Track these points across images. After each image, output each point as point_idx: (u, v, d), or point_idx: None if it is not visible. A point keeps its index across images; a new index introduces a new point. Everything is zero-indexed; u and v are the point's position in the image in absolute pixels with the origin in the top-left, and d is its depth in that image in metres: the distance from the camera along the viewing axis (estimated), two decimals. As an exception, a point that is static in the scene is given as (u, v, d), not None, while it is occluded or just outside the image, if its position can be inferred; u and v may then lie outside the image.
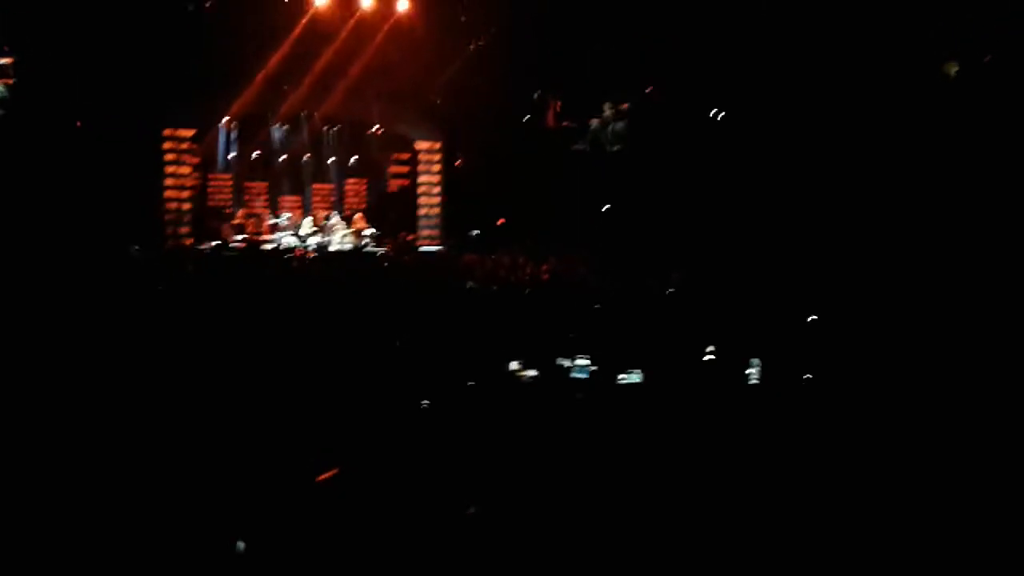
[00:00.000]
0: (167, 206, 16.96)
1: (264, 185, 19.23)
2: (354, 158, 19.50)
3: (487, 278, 12.97)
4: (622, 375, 7.64)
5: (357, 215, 18.77)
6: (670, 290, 11.14)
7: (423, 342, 8.84)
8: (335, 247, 17.37)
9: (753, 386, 7.33)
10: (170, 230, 16.88)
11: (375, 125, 19.06)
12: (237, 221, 18.17)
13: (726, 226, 13.49)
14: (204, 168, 18.59)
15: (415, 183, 18.81)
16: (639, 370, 7.61)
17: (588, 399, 7.38)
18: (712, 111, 15.30)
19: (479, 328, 9.50)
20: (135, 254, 14.61)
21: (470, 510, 5.08)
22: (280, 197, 19.28)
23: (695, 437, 6.19)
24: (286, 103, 18.06)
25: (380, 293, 11.74)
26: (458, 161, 18.40)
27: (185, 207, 17.16)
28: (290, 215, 18.62)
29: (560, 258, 14.25)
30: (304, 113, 18.84)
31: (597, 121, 16.60)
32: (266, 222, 18.42)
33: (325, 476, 5.19)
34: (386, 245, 17.72)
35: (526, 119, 17.44)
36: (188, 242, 16.90)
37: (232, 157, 18.84)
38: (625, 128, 16.38)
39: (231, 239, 17.42)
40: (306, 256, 16.36)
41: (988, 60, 12.28)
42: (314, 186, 19.50)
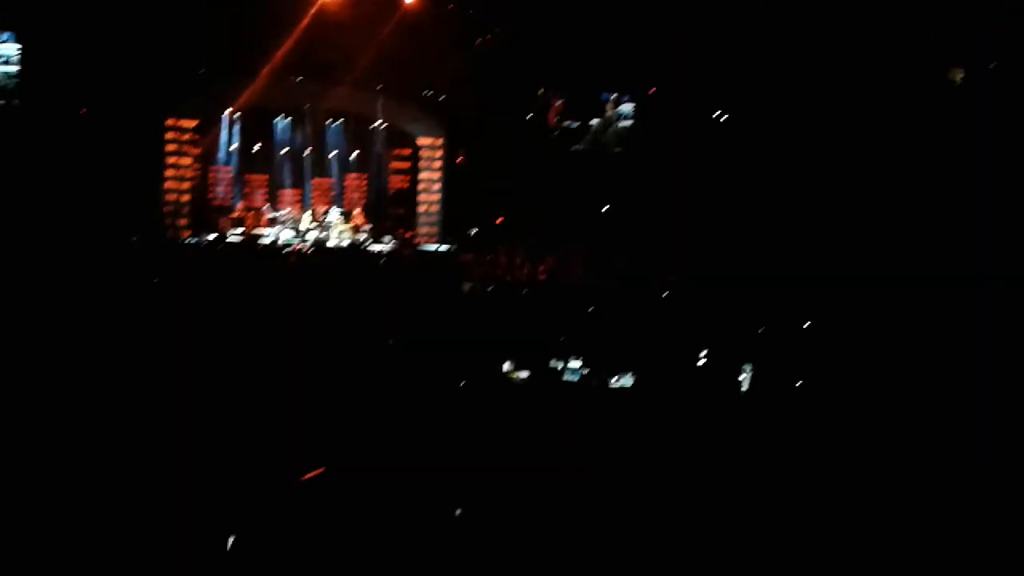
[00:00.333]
0: (167, 197, 16.95)
1: (264, 178, 19.18)
2: (355, 153, 19.47)
3: (484, 277, 12.96)
4: (614, 378, 7.65)
5: (356, 211, 18.74)
6: (665, 293, 11.13)
7: (417, 341, 8.83)
8: (333, 243, 17.34)
9: (744, 392, 7.32)
10: (169, 221, 16.87)
11: (377, 120, 19.03)
12: (236, 214, 18.13)
13: (723, 229, 13.46)
14: (205, 160, 18.55)
15: (416, 179, 18.78)
16: (631, 373, 7.61)
17: (580, 401, 7.39)
18: (714, 112, 15.28)
19: (474, 328, 9.50)
20: (134, 245, 14.59)
21: (457, 511, 5.08)
22: (280, 191, 19.23)
23: (684, 442, 6.19)
24: (289, 96, 18.04)
25: (376, 291, 11.73)
26: (459, 158, 18.37)
27: (184, 199, 17.14)
28: (289, 210, 18.57)
29: (558, 258, 14.23)
30: (307, 107, 18.81)
31: (599, 121, 16.57)
32: (265, 216, 18.39)
33: (310, 475, 5.20)
34: (392, 242, 17.68)
35: (529, 117, 17.42)
36: (186, 234, 16.87)
37: (233, 149, 18.80)
38: (626, 128, 16.36)
39: (229, 232, 17.39)
40: (304, 251, 16.33)
41: (993, 66, 12.26)
42: (314, 180, 19.45)
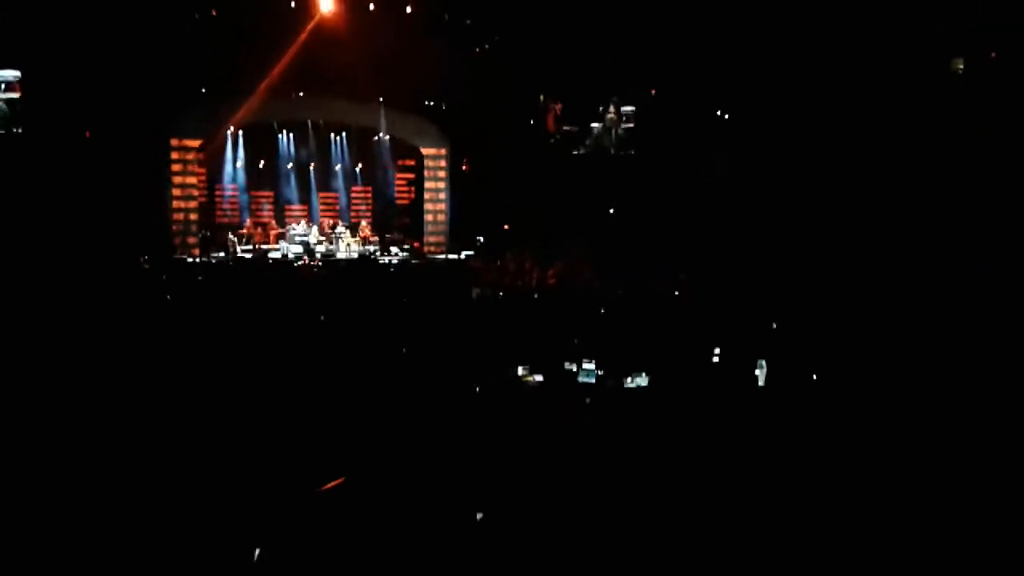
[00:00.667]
0: (174, 216, 17.04)
1: (271, 194, 19.25)
2: (360, 165, 19.52)
3: (494, 283, 12.96)
4: (629, 379, 7.63)
5: (363, 223, 18.79)
6: (676, 292, 11.12)
7: (431, 347, 8.84)
8: (342, 255, 17.38)
9: (760, 388, 7.30)
10: (178, 240, 16.95)
11: (381, 132, 19.08)
12: (244, 231, 18.21)
13: (731, 228, 13.44)
14: (211, 177, 18.62)
15: (421, 189, 18.82)
16: (645, 373, 7.60)
17: (595, 403, 7.37)
18: (716, 112, 15.28)
19: (486, 333, 9.51)
20: (143, 264, 14.65)
21: (479, 515, 5.07)
22: (287, 205, 19.30)
23: (701, 441, 6.18)
24: (292, 111, 18.11)
25: (387, 300, 11.75)
26: (464, 167, 18.41)
27: (192, 217, 17.23)
28: (297, 224, 18.59)
29: (566, 262, 14.23)
30: (310, 121, 18.87)
31: (600, 125, 16.58)
32: (273, 231, 18.46)
33: (330, 485, 5.20)
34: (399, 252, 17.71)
35: (531, 123, 17.43)
36: (195, 252, 16.95)
37: (239, 166, 18.87)
38: (628, 131, 16.36)
39: (238, 248, 17.46)
40: (313, 264, 16.37)
41: (994, 57, 12.23)
42: (321, 194, 19.51)
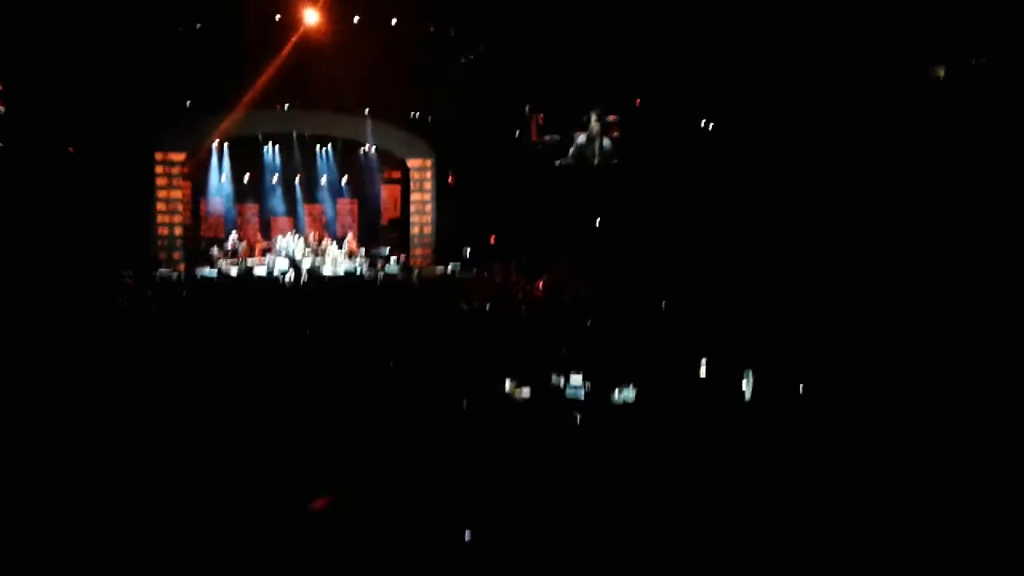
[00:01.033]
0: (159, 230, 16.97)
1: (256, 207, 19.21)
2: (345, 178, 19.50)
3: (481, 296, 12.95)
4: (616, 392, 7.61)
5: (349, 236, 18.77)
6: (662, 303, 11.13)
7: (417, 362, 8.80)
8: (328, 269, 17.34)
9: (748, 401, 7.30)
10: (163, 255, 16.88)
11: (366, 144, 19.08)
12: (230, 245, 18.14)
13: (718, 238, 13.49)
14: (196, 191, 18.57)
15: (407, 201, 18.83)
16: (633, 386, 7.58)
17: (583, 417, 7.35)
18: (700, 121, 15.33)
19: (473, 347, 9.47)
20: (127, 279, 14.57)
21: (467, 535, 5.04)
22: (272, 219, 19.26)
23: (690, 456, 6.17)
24: (277, 124, 18.09)
25: (374, 314, 11.71)
26: (450, 178, 18.41)
27: (177, 231, 17.17)
28: (283, 237, 18.53)
29: (553, 273, 14.24)
30: (295, 134, 18.86)
31: (583, 135, 16.60)
32: (259, 244, 18.40)
33: (319, 503, 5.16)
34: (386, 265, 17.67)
35: (516, 134, 17.45)
36: (181, 267, 16.87)
37: (224, 179, 18.83)
38: (612, 141, 16.39)
39: (224, 263, 17.40)
40: (299, 279, 16.33)
41: (976, 62, 12.30)
42: (306, 207, 19.48)
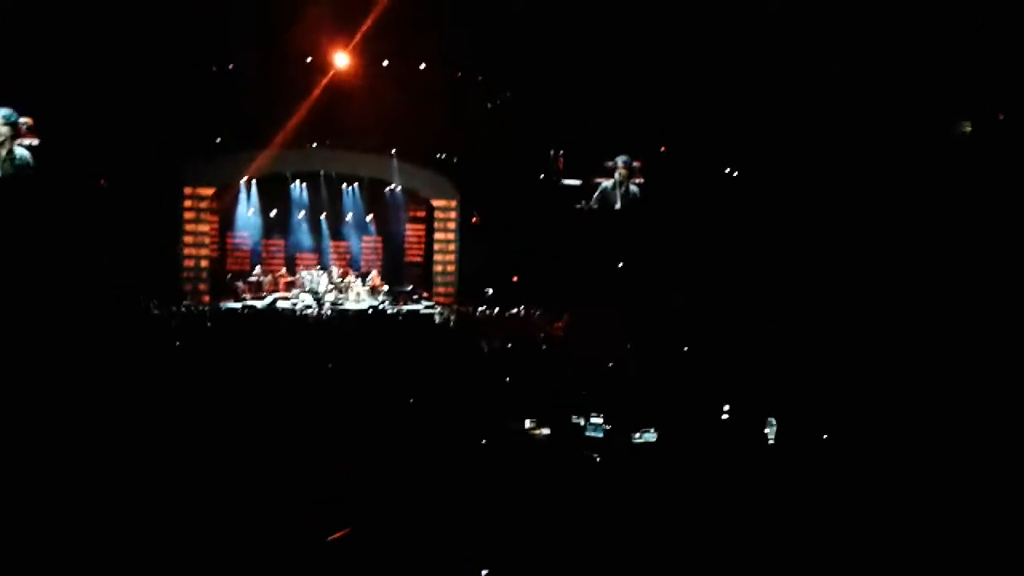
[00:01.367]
0: (186, 263, 17.19)
1: (282, 243, 19.42)
2: (371, 216, 19.69)
3: (502, 335, 12.97)
4: (637, 434, 7.57)
5: (373, 272, 18.90)
6: (684, 348, 11.10)
7: (437, 399, 8.81)
8: (351, 305, 17.45)
9: (770, 446, 7.24)
10: (188, 287, 17.08)
11: (392, 183, 19.29)
12: (254, 279, 18.32)
13: (742, 286, 13.46)
14: (223, 225, 18.82)
15: (431, 240, 18.97)
16: (654, 429, 7.54)
17: (603, 459, 7.31)
18: (724, 170, 15.41)
19: (493, 385, 9.47)
20: (153, 310, 14.74)
21: (484, 574, 5.01)
22: (298, 254, 19.44)
23: (711, 498, 6.11)
24: (305, 162, 18.35)
25: (395, 350, 11.74)
26: (474, 219, 18.55)
27: (204, 264, 17.38)
28: (307, 273, 18.67)
29: (574, 314, 14.25)
30: (322, 172, 19.10)
31: (608, 179, 16.72)
32: (283, 279, 18.57)
33: (337, 535, 5.15)
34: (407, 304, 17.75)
35: (541, 177, 17.60)
36: (206, 299, 17.05)
37: (251, 215, 19.08)
38: (637, 187, 16.50)
39: (249, 296, 17.57)
40: (322, 314, 16.44)
41: (1002, 118, 12.34)
42: (332, 243, 19.67)
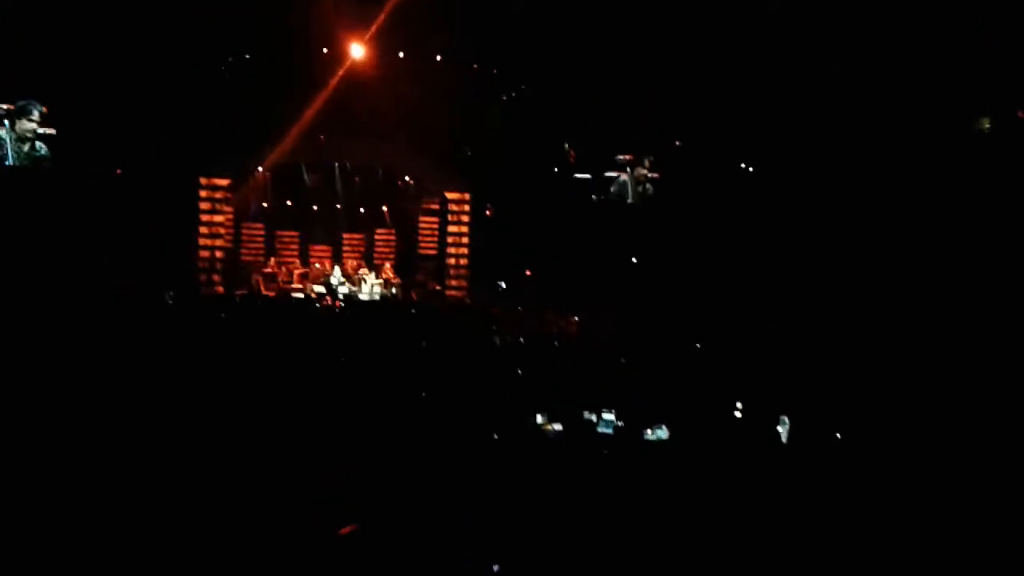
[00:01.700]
0: (201, 254, 17.26)
1: (296, 234, 19.46)
2: (384, 208, 19.71)
3: (515, 329, 12.98)
4: (649, 431, 7.57)
5: (386, 265, 18.93)
6: (698, 345, 11.08)
7: (449, 392, 8.83)
8: (364, 297, 17.48)
9: (782, 445, 7.23)
10: (203, 277, 17.16)
11: (406, 175, 19.30)
12: (268, 270, 18.38)
13: (757, 284, 13.40)
14: (238, 216, 18.87)
15: (444, 233, 18.96)
16: (665, 425, 7.54)
17: (614, 455, 7.31)
18: (740, 164, 15.33)
19: (505, 380, 9.49)
20: (169, 301, 14.81)
21: (495, 569, 5.03)
22: (311, 245, 19.49)
23: (722, 498, 6.10)
24: (319, 153, 18.38)
25: (408, 342, 11.77)
26: (487, 211, 18.54)
27: (219, 255, 17.45)
28: (320, 265, 18.73)
29: (588, 310, 14.23)
30: (336, 163, 19.13)
31: (623, 173, 16.65)
32: (297, 271, 18.63)
33: (346, 530, 5.17)
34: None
35: (555, 170, 17.56)
36: (220, 290, 17.12)
37: (265, 206, 19.13)
38: (652, 182, 16.44)
39: (263, 287, 17.63)
40: (335, 305, 16.48)
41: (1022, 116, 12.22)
42: (344, 236, 19.69)
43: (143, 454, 6.60)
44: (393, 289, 18.08)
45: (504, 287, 17.11)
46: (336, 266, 18.60)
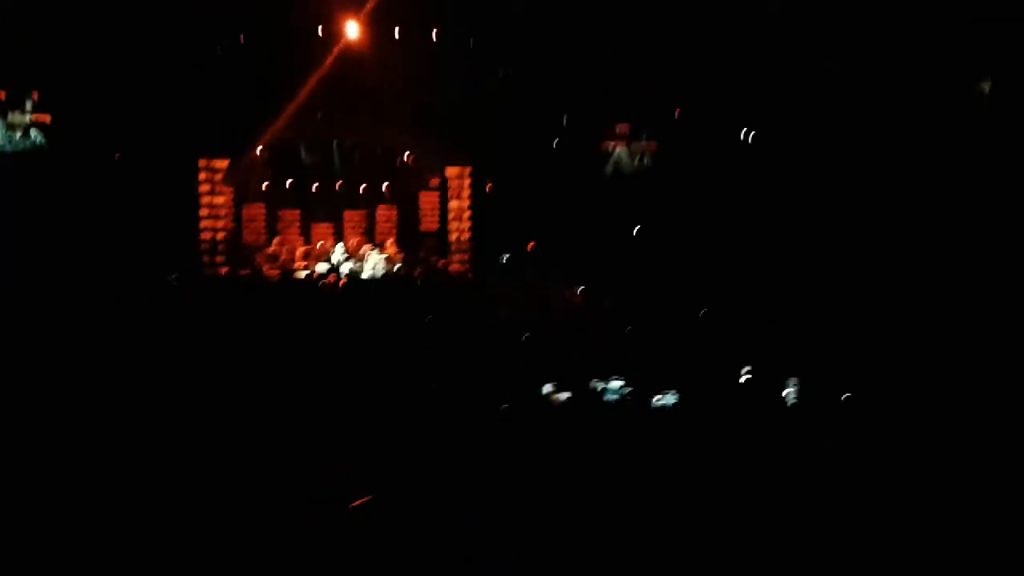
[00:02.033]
0: (202, 235, 17.24)
1: (297, 213, 19.40)
2: (385, 185, 19.63)
3: (520, 302, 12.98)
4: (656, 397, 7.60)
5: (388, 242, 18.88)
6: (703, 311, 11.09)
7: (456, 366, 8.86)
8: (367, 274, 17.46)
9: (791, 407, 7.26)
10: (206, 258, 17.15)
11: (406, 151, 19.21)
12: (271, 250, 18.34)
13: (760, 251, 13.37)
14: (238, 196, 18.81)
15: (445, 208, 18.91)
16: (673, 392, 7.57)
17: (622, 422, 7.35)
18: (742, 132, 15.27)
19: (512, 352, 9.52)
20: (172, 282, 14.84)
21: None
22: (313, 224, 19.43)
23: (731, 461, 6.14)
24: (318, 132, 18.29)
25: (412, 319, 11.80)
26: (488, 186, 18.47)
27: (220, 236, 17.42)
28: (322, 243, 18.68)
29: (592, 280, 14.22)
30: (336, 141, 19.04)
31: (621, 145, 16.59)
32: (299, 249, 18.58)
33: (359, 502, 5.22)
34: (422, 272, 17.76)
35: (555, 143, 17.49)
36: (223, 270, 17.11)
37: (266, 185, 19.05)
38: (651, 153, 16.39)
39: (265, 266, 17.62)
40: (338, 283, 16.47)
41: None
42: (346, 213, 19.63)
43: (151, 431, 6.64)
44: (396, 266, 18.06)
45: (507, 260, 17.09)
46: (339, 243, 18.55)
